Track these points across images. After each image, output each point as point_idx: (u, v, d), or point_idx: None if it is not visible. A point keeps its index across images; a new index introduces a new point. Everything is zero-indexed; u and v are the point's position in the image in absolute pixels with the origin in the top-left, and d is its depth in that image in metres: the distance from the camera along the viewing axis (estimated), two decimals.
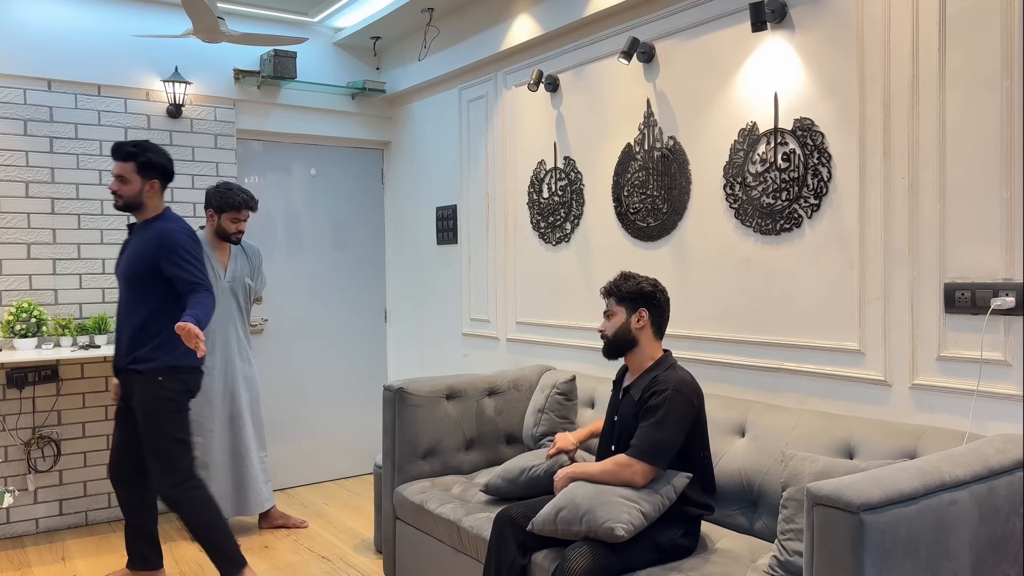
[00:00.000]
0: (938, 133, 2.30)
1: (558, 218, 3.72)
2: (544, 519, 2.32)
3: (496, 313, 4.16)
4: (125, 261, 3.10)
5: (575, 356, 3.58)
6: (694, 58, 3.04)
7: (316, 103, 4.76)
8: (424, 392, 3.24)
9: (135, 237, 3.13)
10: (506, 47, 3.89)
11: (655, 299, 2.47)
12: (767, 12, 2.67)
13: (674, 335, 3.09)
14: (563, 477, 2.43)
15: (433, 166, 4.67)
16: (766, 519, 2.46)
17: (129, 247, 3.12)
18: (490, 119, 4.16)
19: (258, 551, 3.72)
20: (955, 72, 2.26)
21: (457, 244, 4.45)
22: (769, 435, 2.53)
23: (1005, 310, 2.16)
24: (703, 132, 3.01)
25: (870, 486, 1.67)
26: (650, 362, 2.46)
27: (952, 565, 1.77)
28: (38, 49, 3.95)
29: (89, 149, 4.09)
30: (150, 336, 3.01)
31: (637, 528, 2.19)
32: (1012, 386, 2.17)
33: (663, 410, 2.30)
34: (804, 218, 2.67)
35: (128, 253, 3.11)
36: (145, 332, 3.01)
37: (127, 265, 3.08)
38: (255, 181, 4.71)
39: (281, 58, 4.42)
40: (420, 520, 3.00)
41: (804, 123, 2.65)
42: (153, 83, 4.23)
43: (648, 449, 2.29)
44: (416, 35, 4.56)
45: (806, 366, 2.67)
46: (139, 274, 3.02)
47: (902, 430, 2.27)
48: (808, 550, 1.72)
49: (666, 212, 3.17)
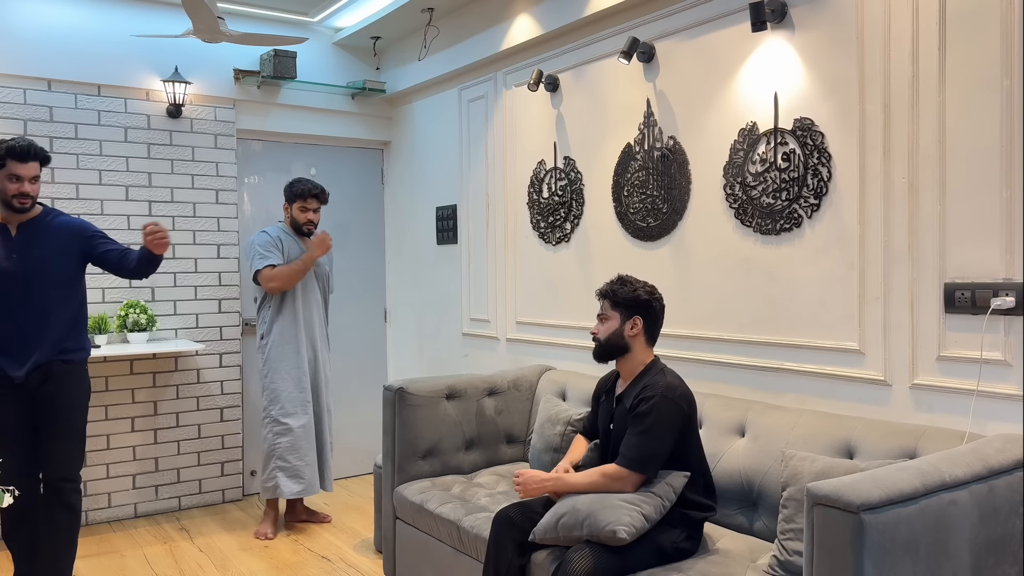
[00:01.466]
0: (938, 133, 2.30)
1: (558, 218, 3.72)
2: (545, 528, 2.31)
3: (496, 313, 4.16)
4: (38, 259, 2.95)
5: (575, 356, 3.58)
6: (694, 58, 3.04)
7: (316, 103, 4.76)
8: (424, 392, 3.24)
9: (27, 236, 2.97)
10: (506, 47, 3.89)
11: (651, 307, 2.46)
12: (767, 12, 2.67)
13: (674, 335, 3.09)
14: (538, 489, 2.42)
15: (433, 166, 4.67)
16: (766, 519, 2.46)
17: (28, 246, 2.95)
18: (490, 119, 4.16)
19: (258, 551, 3.72)
20: (955, 72, 2.26)
21: (457, 244, 4.45)
22: (769, 435, 2.53)
23: (1005, 310, 2.16)
24: (703, 132, 3.01)
25: (870, 486, 1.67)
26: (641, 368, 2.46)
27: (952, 565, 1.77)
28: (38, 49, 3.95)
29: (89, 149, 4.09)
30: (81, 327, 3.10)
31: (639, 530, 2.19)
32: (1012, 386, 2.16)
33: (651, 417, 2.30)
34: (804, 218, 2.67)
35: (36, 252, 2.95)
36: (77, 323, 3.08)
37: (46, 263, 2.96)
38: (255, 181, 4.72)
39: (281, 58, 4.42)
40: (420, 520, 3.00)
41: (804, 123, 2.65)
42: (153, 83, 4.23)
43: (637, 458, 2.29)
44: (416, 35, 4.56)
45: (806, 366, 2.67)
46: (68, 268, 3.02)
47: (902, 430, 2.27)
48: (808, 550, 1.72)
49: (666, 212, 3.17)
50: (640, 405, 2.34)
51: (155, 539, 3.89)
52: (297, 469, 3.89)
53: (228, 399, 4.47)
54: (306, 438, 3.94)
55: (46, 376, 2.97)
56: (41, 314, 2.96)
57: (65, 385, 3.01)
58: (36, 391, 2.96)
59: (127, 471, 4.20)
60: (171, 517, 4.21)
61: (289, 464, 3.88)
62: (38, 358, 2.95)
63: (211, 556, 3.66)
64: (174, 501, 4.32)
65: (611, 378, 2.61)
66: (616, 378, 2.57)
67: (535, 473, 2.47)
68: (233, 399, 4.48)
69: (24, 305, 2.94)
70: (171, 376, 4.31)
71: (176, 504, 4.33)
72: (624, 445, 2.32)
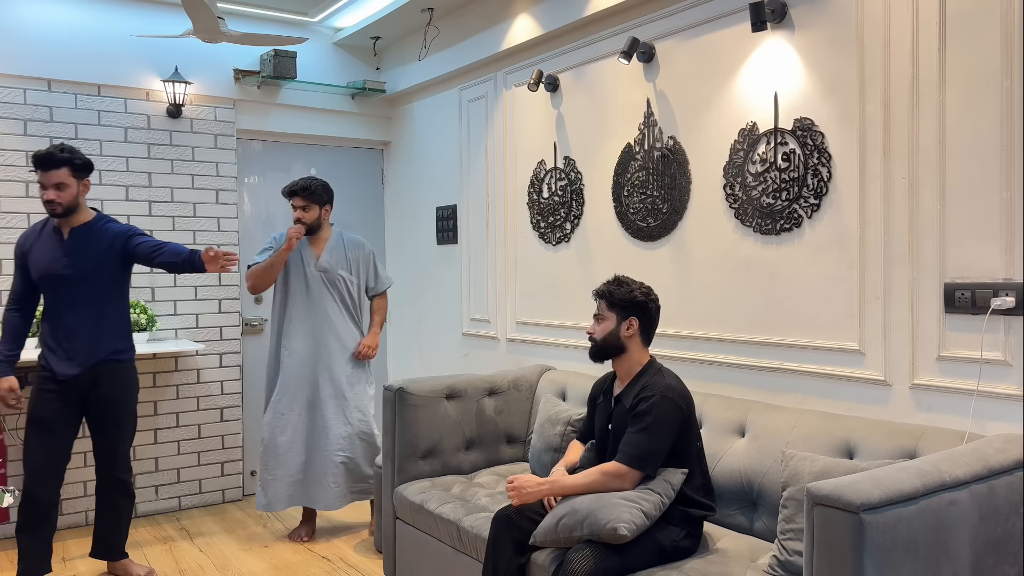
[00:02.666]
0: (938, 133, 2.30)
1: (558, 218, 3.72)
2: (546, 530, 2.31)
3: (496, 313, 4.15)
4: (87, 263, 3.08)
5: (575, 356, 3.58)
6: (694, 58, 3.04)
7: (316, 103, 4.77)
8: (424, 392, 3.24)
9: (78, 240, 3.11)
10: (506, 47, 3.89)
11: (646, 308, 2.47)
12: (767, 12, 2.67)
13: (674, 335, 3.09)
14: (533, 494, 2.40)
15: (433, 166, 4.67)
16: (766, 519, 2.46)
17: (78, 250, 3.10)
18: (490, 119, 4.16)
19: (258, 551, 3.72)
20: (955, 72, 2.26)
21: (457, 244, 4.45)
22: (769, 435, 2.53)
23: (1005, 310, 2.16)
24: (703, 132, 3.01)
25: (870, 486, 1.67)
26: (638, 368, 2.46)
27: (952, 565, 1.77)
28: (38, 49, 3.95)
29: (89, 149, 4.08)
30: (128, 327, 3.26)
31: (640, 527, 2.19)
32: (1012, 386, 2.16)
33: (651, 416, 2.30)
34: (804, 218, 2.67)
35: (86, 255, 3.09)
36: (124, 324, 3.24)
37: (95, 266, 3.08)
38: (255, 181, 4.72)
39: (281, 58, 4.42)
40: (420, 520, 3.00)
41: (804, 123, 2.65)
42: (153, 83, 4.23)
43: (637, 455, 2.29)
44: (416, 35, 4.56)
45: (806, 366, 2.67)
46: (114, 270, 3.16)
47: (902, 430, 2.27)
48: (808, 550, 1.72)
49: (666, 212, 3.17)
50: (640, 404, 2.34)
51: (155, 539, 3.89)
52: (264, 481, 3.73)
53: (228, 399, 4.47)
54: (278, 453, 3.71)
55: (98, 376, 3.14)
56: (90, 315, 3.11)
57: (118, 384, 3.21)
58: (88, 391, 3.14)
59: None
60: (171, 517, 4.21)
61: (262, 475, 3.76)
62: (90, 359, 3.11)
63: (211, 556, 3.66)
64: (174, 501, 4.32)
65: (607, 380, 2.61)
66: (613, 379, 2.58)
67: (529, 478, 2.44)
68: (233, 399, 4.48)
69: (74, 307, 3.09)
70: (171, 376, 4.31)
71: (176, 504, 4.33)
72: (624, 443, 2.33)
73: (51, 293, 3.11)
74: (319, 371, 3.75)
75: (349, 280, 3.84)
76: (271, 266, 3.65)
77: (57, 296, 3.10)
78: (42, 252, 3.11)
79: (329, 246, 3.82)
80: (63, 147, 3.08)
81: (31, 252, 3.12)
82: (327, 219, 3.85)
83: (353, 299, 3.86)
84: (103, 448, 3.26)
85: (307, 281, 3.77)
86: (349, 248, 3.87)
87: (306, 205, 3.74)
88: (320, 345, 3.75)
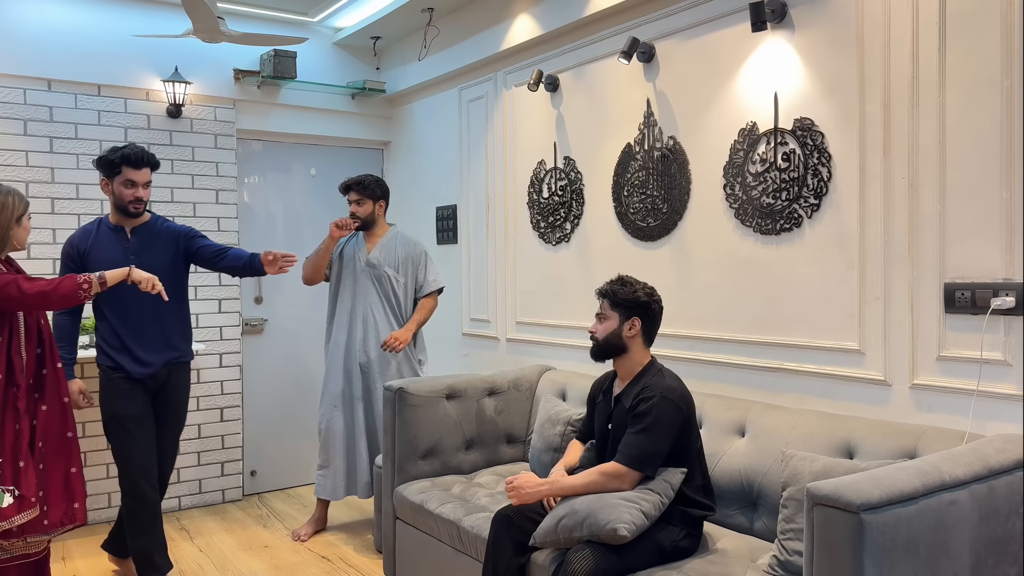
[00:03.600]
0: (938, 133, 2.30)
1: (558, 218, 3.72)
2: (546, 531, 2.31)
3: (496, 313, 4.15)
4: (151, 262, 3.11)
5: (575, 356, 3.58)
6: (694, 58, 3.04)
7: (316, 103, 4.76)
8: (424, 392, 3.24)
9: (142, 239, 3.18)
10: (506, 47, 3.89)
11: (649, 309, 2.47)
12: (767, 12, 2.67)
13: (674, 335, 3.09)
14: (533, 494, 2.40)
15: (433, 166, 4.67)
16: (766, 519, 2.46)
17: (143, 250, 3.16)
18: (490, 119, 4.16)
19: (258, 551, 3.72)
20: (955, 72, 2.26)
21: (457, 244, 4.45)
22: (769, 435, 2.53)
23: (1005, 310, 2.16)
24: (703, 132, 3.01)
25: (870, 486, 1.67)
26: (639, 368, 2.46)
27: (952, 565, 1.77)
28: (38, 49, 3.95)
29: (89, 149, 4.08)
30: (190, 328, 3.32)
31: (639, 528, 2.19)
32: (1012, 386, 2.16)
33: (651, 417, 2.30)
34: (804, 218, 2.66)
35: (150, 255, 3.15)
36: (186, 324, 3.29)
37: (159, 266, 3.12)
38: (255, 181, 4.72)
39: (281, 58, 4.42)
40: (420, 520, 3.00)
41: (804, 123, 2.65)
42: (153, 83, 4.23)
43: (637, 456, 2.30)
44: (416, 35, 4.56)
45: (806, 366, 2.67)
46: (176, 270, 3.22)
47: (902, 430, 2.27)
48: (808, 550, 1.72)
49: (666, 212, 3.17)
50: (640, 405, 2.34)
51: None
52: (323, 471, 3.83)
53: (228, 399, 4.47)
54: (326, 442, 3.80)
55: (167, 377, 3.20)
56: (156, 316, 3.16)
57: (180, 386, 3.29)
58: (157, 392, 3.19)
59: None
60: (171, 517, 4.21)
61: (320, 464, 3.85)
62: (160, 359, 3.17)
63: (211, 556, 3.66)
64: (174, 501, 4.32)
65: (607, 379, 2.61)
66: (613, 379, 2.58)
67: (529, 478, 2.44)
68: (233, 399, 4.48)
69: (140, 307, 3.12)
70: None
71: (176, 504, 4.33)
72: (623, 443, 2.33)
73: (115, 293, 3.08)
74: (355, 364, 3.80)
75: (395, 278, 3.83)
76: (317, 258, 3.76)
77: (123, 296, 3.09)
78: (105, 252, 3.12)
79: (381, 243, 3.82)
80: (142, 147, 3.16)
81: (91, 252, 3.12)
82: (382, 215, 3.87)
83: (398, 297, 3.84)
84: (159, 446, 3.25)
85: (356, 275, 3.81)
86: (401, 247, 3.85)
87: (359, 199, 3.78)
88: (359, 338, 3.80)
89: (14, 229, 2.61)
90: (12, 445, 2.52)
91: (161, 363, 3.16)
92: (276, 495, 4.65)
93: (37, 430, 2.61)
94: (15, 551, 2.58)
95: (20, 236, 2.65)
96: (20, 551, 2.59)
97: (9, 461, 2.51)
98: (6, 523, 2.46)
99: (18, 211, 2.61)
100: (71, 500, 2.69)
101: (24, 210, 2.64)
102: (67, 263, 3.14)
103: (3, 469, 2.49)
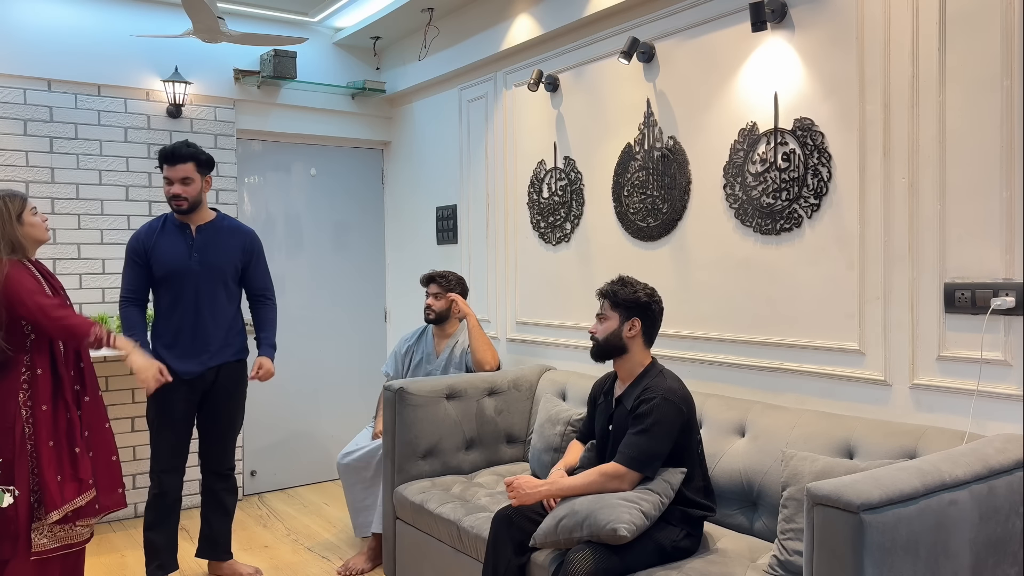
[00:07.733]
0: (938, 133, 2.30)
1: (558, 218, 3.72)
2: (546, 532, 2.31)
3: (496, 313, 4.15)
4: (213, 261, 3.13)
5: (575, 356, 3.58)
6: (694, 58, 3.04)
7: (316, 103, 4.76)
8: (424, 392, 3.24)
9: (206, 238, 3.15)
10: (506, 47, 3.89)
11: (650, 309, 2.47)
12: (767, 12, 2.67)
13: (674, 335, 3.09)
14: (533, 495, 2.39)
15: (433, 166, 4.67)
16: (766, 519, 2.46)
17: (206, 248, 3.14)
18: (490, 119, 4.16)
19: (258, 551, 3.72)
20: (955, 72, 2.26)
21: (457, 244, 4.45)
22: (769, 435, 2.53)
23: (1005, 310, 2.16)
24: (703, 132, 3.01)
25: (870, 486, 1.67)
26: (640, 369, 2.46)
27: (952, 565, 1.77)
28: (38, 49, 3.95)
29: (89, 149, 4.08)
30: (244, 326, 3.31)
31: (639, 528, 2.19)
32: (1012, 386, 2.16)
33: (652, 418, 2.30)
34: (804, 218, 2.67)
35: (213, 253, 3.14)
36: (241, 323, 3.28)
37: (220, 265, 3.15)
38: (255, 181, 4.72)
39: (281, 58, 4.42)
40: (420, 520, 3.00)
41: (804, 123, 2.65)
42: (153, 83, 4.23)
43: (637, 457, 2.29)
44: (416, 35, 4.56)
45: (806, 366, 2.67)
46: (235, 271, 3.23)
47: (902, 430, 2.27)
48: (808, 550, 1.72)
49: (666, 212, 3.17)
50: (641, 406, 2.34)
51: None
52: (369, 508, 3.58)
53: None
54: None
55: (217, 373, 3.18)
56: (214, 313, 3.15)
57: (235, 384, 3.28)
58: (209, 389, 3.18)
59: (127, 471, 4.18)
60: None
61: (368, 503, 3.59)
62: (212, 357, 3.15)
63: None
64: None
65: (607, 380, 2.61)
66: (613, 380, 2.57)
67: (528, 479, 2.44)
68: None
69: (197, 304, 3.12)
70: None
71: None
72: (624, 444, 2.33)
73: (176, 290, 3.09)
74: None
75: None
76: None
77: (183, 292, 3.09)
78: (169, 248, 3.10)
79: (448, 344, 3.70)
80: (187, 142, 3.12)
81: (155, 249, 3.10)
82: (457, 313, 3.67)
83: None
84: (215, 441, 3.27)
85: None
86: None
87: (438, 292, 3.67)
88: None
89: (20, 229, 2.60)
90: (67, 432, 2.61)
91: (213, 363, 3.15)
92: (276, 495, 4.65)
93: (83, 419, 2.67)
94: (60, 540, 2.61)
95: (32, 233, 2.64)
96: (63, 541, 2.62)
97: (66, 448, 2.60)
98: (69, 505, 2.56)
99: (15, 211, 2.60)
100: (115, 487, 2.76)
101: (22, 207, 2.63)
102: (132, 259, 3.13)
103: (61, 456, 2.58)
